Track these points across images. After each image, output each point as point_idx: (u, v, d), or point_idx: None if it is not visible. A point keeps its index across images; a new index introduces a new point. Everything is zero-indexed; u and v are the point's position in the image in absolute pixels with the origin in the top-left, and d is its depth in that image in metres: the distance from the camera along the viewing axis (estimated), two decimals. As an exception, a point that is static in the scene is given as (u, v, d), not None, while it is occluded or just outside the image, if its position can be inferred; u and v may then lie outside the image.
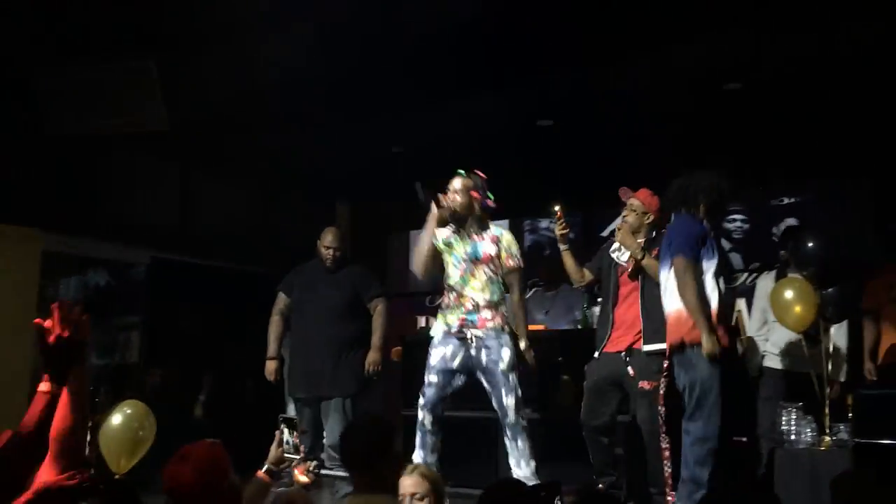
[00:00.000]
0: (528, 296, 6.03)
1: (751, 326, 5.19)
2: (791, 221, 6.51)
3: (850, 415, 4.16)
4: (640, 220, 4.40)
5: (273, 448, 3.03)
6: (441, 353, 4.33)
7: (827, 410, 4.19)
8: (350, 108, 5.85)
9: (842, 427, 4.18)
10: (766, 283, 5.12)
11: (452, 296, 4.34)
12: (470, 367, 4.29)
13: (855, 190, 6.36)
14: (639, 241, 4.36)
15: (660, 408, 4.11)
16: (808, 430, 4.20)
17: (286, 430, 3.08)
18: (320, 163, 7.17)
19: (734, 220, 6.93)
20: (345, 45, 5.08)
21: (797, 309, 4.33)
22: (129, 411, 3.98)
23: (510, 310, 4.42)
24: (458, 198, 4.33)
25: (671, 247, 3.89)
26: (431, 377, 4.33)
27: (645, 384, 4.25)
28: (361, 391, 5.17)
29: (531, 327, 5.57)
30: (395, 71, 5.31)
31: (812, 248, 4.36)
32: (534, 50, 5.07)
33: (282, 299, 5.33)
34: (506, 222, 7.71)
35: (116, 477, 3.80)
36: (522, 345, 4.29)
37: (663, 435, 4.09)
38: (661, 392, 4.13)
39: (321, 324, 5.13)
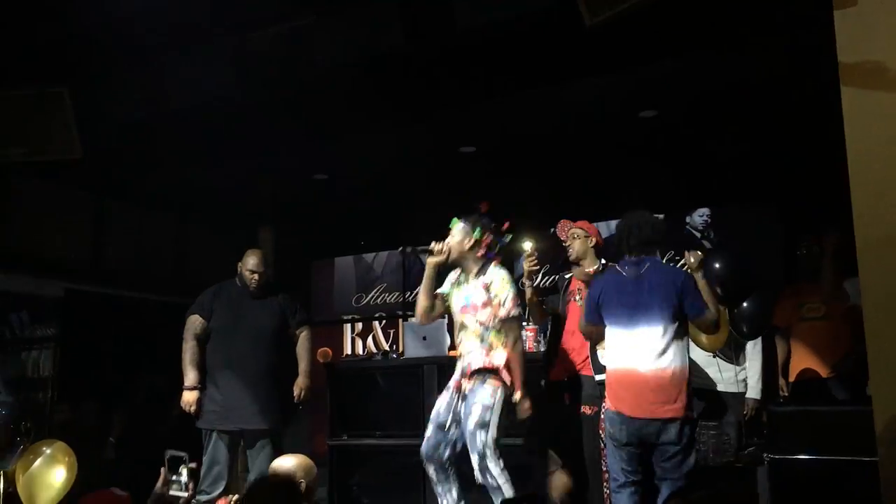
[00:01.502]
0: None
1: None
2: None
3: (765, 431, 4.28)
4: (585, 245, 4.56)
5: (157, 486, 2.96)
6: (437, 405, 4.24)
7: (742, 428, 4.32)
8: (268, 134, 5.80)
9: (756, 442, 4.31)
10: None
11: (458, 344, 4.23)
12: (458, 419, 4.11)
13: (763, 214, 6.61)
14: (590, 269, 4.49)
15: (601, 432, 4.15)
16: (725, 447, 4.32)
17: (175, 468, 3.02)
18: (240, 189, 7.07)
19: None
20: (263, 71, 5.04)
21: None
22: (47, 451, 3.85)
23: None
24: (452, 241, 4.17)
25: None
26: (428, 429, 4.21)
27: (587, 409, 4.30)
28: (289, 422, 5.08)
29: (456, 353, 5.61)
30: (314, 98, 5.29)
31: (718, 268, 4.50)
32: (455, 79, 5.13)
33: (197, 322, 5.03)
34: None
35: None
36: (517, 396, 3.98)
37: (604, 460, 4.12)
38: (603, 417, 4.16)
39: (250, 351, 4.95)
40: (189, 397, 4.93)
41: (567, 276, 4.70)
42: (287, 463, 3.47)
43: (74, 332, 7.19)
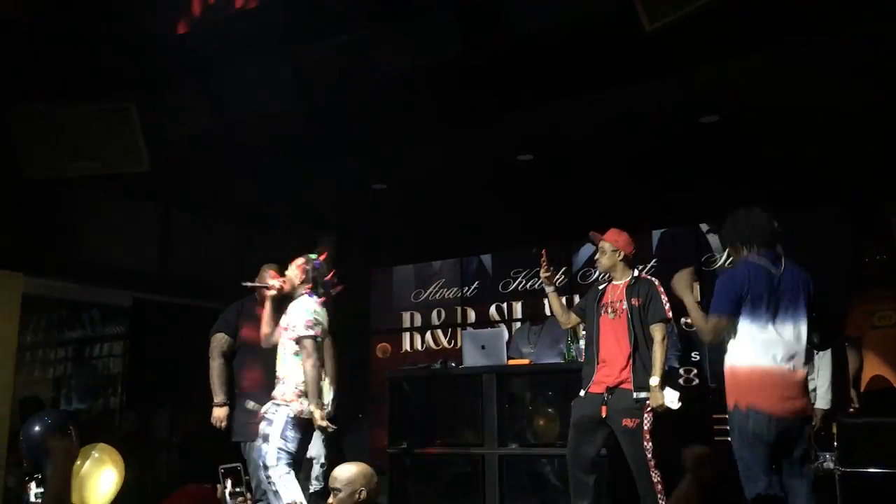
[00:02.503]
0: (516, 329, 6.09)
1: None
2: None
3: (835, 444, 4.16)
4: (613, 259, 4.56)
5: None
6: None
7: (812, 440, 4.19)
8: (327, 145, 5.87)
9: (827, 456, 4.18)
10: None
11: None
12: None
13: (834, 219, 6.42)
14: (623, 280, 4.50)
15: (646, 444, 4.19)
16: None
17: (228, 482, 3.06)
18: (301, 199, 7.17)
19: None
20: (322, 81, 5.11)
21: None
22: (96, 455, 3.95)
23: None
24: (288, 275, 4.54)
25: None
26: None
27: (628, 422, 4.28)
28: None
29: (518, 361, 5.60)
30: (373, 108, 5.34)
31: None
32: (513, 87, 5.12)
33: (223, 340, 5.13)
34: (489, 258, 7.80)
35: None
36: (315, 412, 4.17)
37: (654, 469, 4.16)
38: (647, 428, 4.21)
39: (267, 365, 4.89)
40: (219, 413, 5.00)
41: (601, 287, 4.68)
42: (348, 471, 3.49)
43: (142, 339, 7.40)
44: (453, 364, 5.85)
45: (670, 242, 6.95)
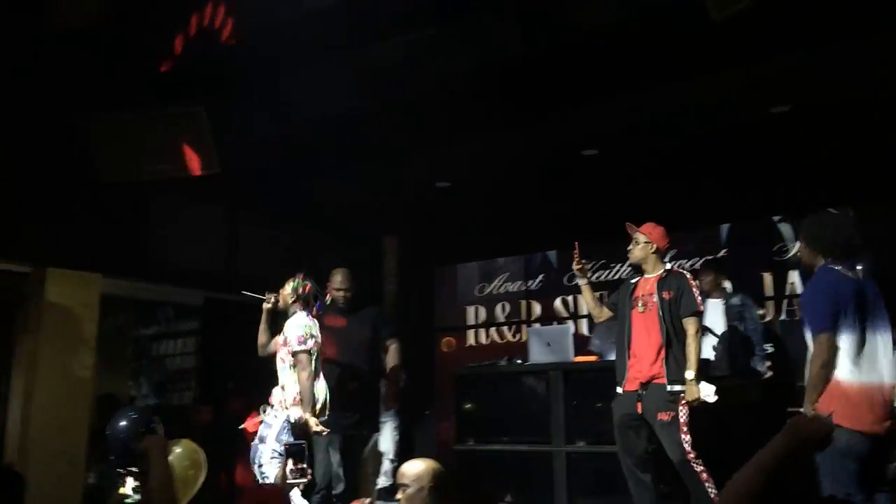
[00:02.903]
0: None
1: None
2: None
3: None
4: (645, 251, 4.52)
5: (277, 475, 3.14)
6: None
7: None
8: (391, 144, 5.92)
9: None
10: None
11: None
12: None
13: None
14: (655, 274, 4.46)
15: (682, 436, 4.16)
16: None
17: (290, 461, 3.29)
18: (365, 199, 7.25)
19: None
20: (386, 82, 5.16)
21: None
22: (178, 451, 4.04)
23: None
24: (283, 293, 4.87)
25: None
26: None
27: (663, 416, 4.25)
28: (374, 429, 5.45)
29: (584, 358, 5.56)
30: (436, 106, 5.36)
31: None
32: (575, 82, 5.08)
33: None
34: (553, 253, 7.75)
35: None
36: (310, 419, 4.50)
37: (694, 460, 4.13)
38: (683, 420, 4.19)
39: (345, 363, 5.23)
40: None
41: (632, 281, 4.62)
42: (415, 467, 3.51)
43: (213, 336, 7.58)
44: (519, 360, 5.84)
45: (741, 234, 6.80)
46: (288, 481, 3.34)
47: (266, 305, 4.88)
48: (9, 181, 5.68)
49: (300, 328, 4.65)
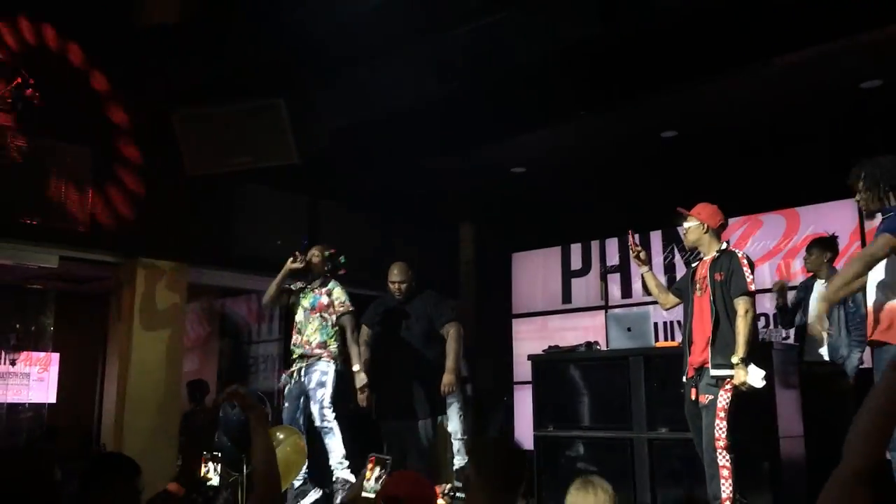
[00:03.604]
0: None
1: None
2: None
3: None
4: (698, 233, 4.32)
5: (356, 485, 3.13)
6: None
7: None
8: (468, 132, 5.93)
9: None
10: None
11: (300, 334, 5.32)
12: None
13: None
14: (711, 255, 4.27)
15: (717, 421, 3.97)
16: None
17: (374, 469, 3.17)
18: (442, 187, 7.28)
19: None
20: (459, 70, 5.16)
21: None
22: (280, 436, 4.18)
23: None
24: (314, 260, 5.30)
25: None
26: None
27: (703, 398, 4.09)
28: (443, 413, 5.43)
29: (665, 344, 5.48)
30: (510, 93, 5.34)
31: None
32: (653, 63, 4.98)
33: (365, 331, 5.56)
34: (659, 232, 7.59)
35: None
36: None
37: (722, 450, 3.94)
38: (722, 405, 3.98)
39: (401, 354, 5.32)
40: (359, 396, 5.43)
41: (693, 265, 4.45)
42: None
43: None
44: (598, 346, 5.78)
45: (824, 216, 6.57)
46: (363, 495, 3.26)
47: (293, 264, 5.17)
48: (101, 176, 5.93)
49: (345, 294, 5.25)
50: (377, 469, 3.17)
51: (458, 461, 5.68)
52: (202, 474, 3.48)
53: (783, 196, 6.49)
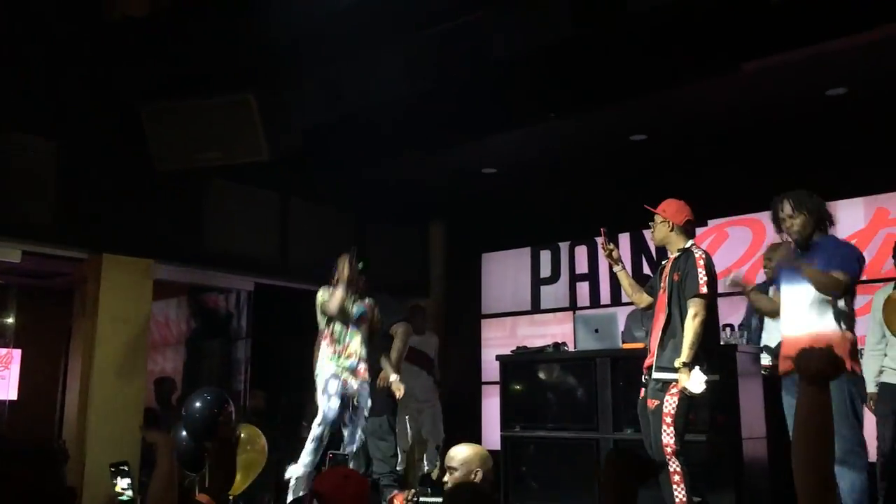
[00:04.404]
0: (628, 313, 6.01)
1: (868, 340, 4.95)
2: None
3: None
4: (663, 231, 4.26)
5: None
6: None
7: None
8: (440, 131, 5.93)
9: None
10: (881, 296, 4.89)
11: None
12: None
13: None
14: (674, 255, 4.22)
15: (664, 427, 3.92)
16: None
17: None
18: (412, 186, 7.28)
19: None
20: (431, 69, 5.17)
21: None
22: (243, 435, 4.14)
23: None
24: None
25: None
26: None
27: (650, 403, 4.06)
28: (392, 410, 5.44)
29: (632, 345, 5.52)
30: (482, 94, 5.35)
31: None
32: (625, 66, 5.02)
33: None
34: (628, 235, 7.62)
35: (231, 497, 3.95)
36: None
37: (671, 456, 3.90)
38: (668, 411, 3.93)
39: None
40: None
41: (662, 264, 4.38)
42: (463, 452, 3.54)
43: (265, 322, 7.70)
44: (566, 347, 5.82)
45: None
46: None
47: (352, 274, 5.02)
48: (66, 170, 5.84)
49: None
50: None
51: (427, 467, 5.71)
52: (115, 489, 3.41)
53: (749, 202, 6.56)
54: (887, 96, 5.43)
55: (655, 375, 4.05)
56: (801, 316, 3.87)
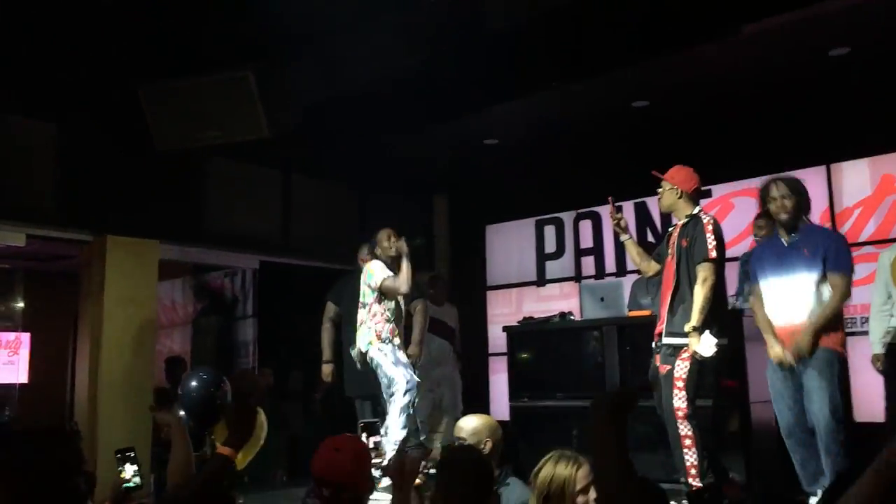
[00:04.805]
0: (634, 281, 6.00)
1: (874, 301, 4.93)
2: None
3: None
4: (671, 198, 4.25)
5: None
6: None
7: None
8: (440, 103, 5.89)
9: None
10: (887, 256, 4.87)
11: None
12: None
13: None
14: (682, 221, 4.22)
15: (675, 391, 3.95)
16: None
17: (364, 436, 3.26)
18: (415, 159, 7.24)
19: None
20: (431, 41, 5.12)
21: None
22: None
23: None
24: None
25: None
26: None
27: (662, 368, 4.09)
28: None
29: (638, 313, 5.52)
30: (482, 63, 5.31)
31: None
32: (626, 32, 4.97)
33: (331, 308, 5.71)
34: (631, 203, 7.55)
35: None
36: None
37: (682, 420, 3.93)
38: (679, 375, 3.95)
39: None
40: (325, 370, 5.68)
41: (669, 230, 4.38)
42: (472, 423, 3.56)
43: (270, 299, 7.72)
44: (572, 316, 5.83)
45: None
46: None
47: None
48: (67, 153, 5.83)
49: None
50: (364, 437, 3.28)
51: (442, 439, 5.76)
52: (123, 478, 3.41)
53: (754, 166, 6.52)
54: (892, 55, 5.37)
55: (666, 341, 4.08)
56: (790, 305, 4.05)
